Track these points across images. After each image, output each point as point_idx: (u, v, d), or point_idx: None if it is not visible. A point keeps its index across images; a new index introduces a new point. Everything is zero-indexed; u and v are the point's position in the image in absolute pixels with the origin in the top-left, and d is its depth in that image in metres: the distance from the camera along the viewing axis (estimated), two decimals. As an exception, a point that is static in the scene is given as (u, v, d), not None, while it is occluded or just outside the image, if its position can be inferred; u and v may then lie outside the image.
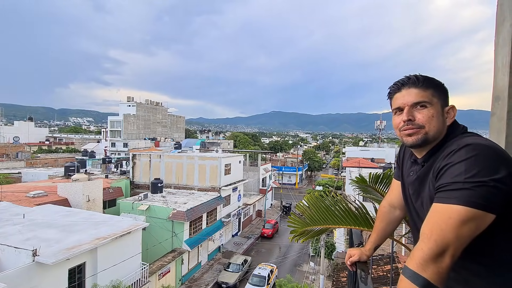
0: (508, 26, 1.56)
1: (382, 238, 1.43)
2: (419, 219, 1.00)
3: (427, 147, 1.02)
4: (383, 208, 1.45)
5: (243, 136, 76.93)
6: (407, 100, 1.02)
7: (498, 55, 1.65)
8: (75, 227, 12.34)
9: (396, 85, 1.08)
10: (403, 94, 1.04)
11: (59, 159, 42.68)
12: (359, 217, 1.65)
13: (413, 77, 1.04)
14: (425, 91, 1.01)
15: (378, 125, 72.00)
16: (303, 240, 1.94)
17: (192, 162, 25.41)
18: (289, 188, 45.79)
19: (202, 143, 53.83)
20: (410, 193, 1.09)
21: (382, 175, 1.99)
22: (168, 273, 16.09)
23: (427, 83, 1.02)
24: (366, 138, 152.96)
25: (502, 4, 1.65)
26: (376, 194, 2.02)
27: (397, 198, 1.36)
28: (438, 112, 1.00)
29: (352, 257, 1.40)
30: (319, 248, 17.21)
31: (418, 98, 1.01)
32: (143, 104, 70.48)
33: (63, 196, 17.47)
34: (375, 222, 1.49)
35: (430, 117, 0.99)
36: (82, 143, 66.54)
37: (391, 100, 1.12)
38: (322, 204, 1.79)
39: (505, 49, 1.58)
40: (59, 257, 9.48)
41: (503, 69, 1.59)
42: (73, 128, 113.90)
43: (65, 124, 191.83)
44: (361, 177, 2.13)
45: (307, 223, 1.82)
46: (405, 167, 1.21)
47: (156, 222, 18.00)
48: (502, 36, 1.61)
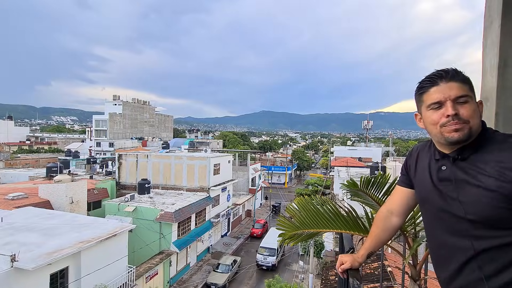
0: (495, 28, 1.56)
1: (376, 245, 1.39)
2: (465, 204, 0.94)
3: (463, 143, 0.99)
4: (380, 214, 1.42)
5: (233, 135, 76.62)
6: (449, 94, 0.97)
7: (486, 57, 1.66)
8: (57, 230, 11.88)
9: (431, 79, 1.03)
10: (443, 88, 0.99)
11: (40, 160, 41.12)
12: (350, 221, 1.62)
13: (452, 70, 1.01)
14: (465, 85, 0.99)
15: (365, 125, 73.45)
16: (293, 244, 1.90)
17: (181, 162, 25.05)
18: (278, 188, 45.96)
19: (190, 142, 53.21)
20: (441, 188, 1.03)
21: (373, 179, 1.98)
22: (155, 276, 15.78)
23: (465, 77, 1.00)
24: (353, 138, 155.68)
25: (490, 6, 1.65)
26: (367, 198, 2.01)
27: (397, 204, 1.33)
28: (477, 107, 0.99)
29: (343, 264, 1.35)
30: (308, 247, 17.34)
31: (461, 92, 0.97)
32: (130, 103, 68.98)
33: (45, 198, 16.80)
34: (371, 228, 1.45)
35: (473, 111, 0.97)
36: (66, 142, 64.43)
37: (422, 96, 1.05)
38: (312, 207, 1.76)
39: (493, 51, 1.58)
40: (39, 262, 9.08)
41: (491, 71, 1.59)
42: (56, 127, 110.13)
43: (47, 123, 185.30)
44: (352, 181, 2.11)
45: (297, 227, 1.79)
46: (420, 168, 1.16)
47: (143, 224, 17.62)
48: (490, 38, 1.61)
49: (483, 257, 0.90)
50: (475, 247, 0.91)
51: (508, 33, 1.52)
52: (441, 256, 1.04)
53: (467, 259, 0.93)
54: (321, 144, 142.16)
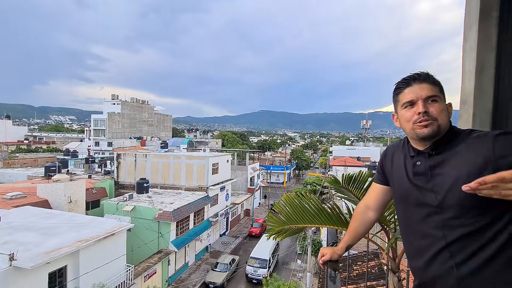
0: (474, 33, 1.63)
1: (354, 238, 1.47)
2: (438, 194, 1.02)
3: (433, 139, 1.08)
4: (358, 209, 1.51)
5: (231, 135, 76.63)
6: (420, 94, 1.07)
7: (466, 61, 1.73)
8: (56, 229, 11.93)
9: (406, 80, 1.12)
10: (415, 88, 1.08)
11: (39, 159, 41.07)
12: (333, 216, 1.70)
13: (425, 73, 1.11)
14: (435, 86, 1.08)
15: (364, 125, 73.73)
16: (281, 239, 1.97)
17: (179, 162, 25.09)
18: (277, 187, 46.06)
19: (189, 142, 53.22)
20: (417, 182, 1.10)
21: (354, 176, 2.06)
22: (154, 275, 15.84)
23: (435, 80, 1.09)
24: (352, 137, 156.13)
25: (469, 12, 1.72)
26: (349, 194, 2.09)
27: (373, 200, 1.43)
28: (445, 107, 1.08)
29: (324, 256, 1.44)
30: (306, 246, 17.45)
31: (431, 92, 1.07)
32: (129, 102, 68.89)
33: (43, 197, 16.82)
34: (350, 222, 1.54)
35: (441, 110, 1.06)
36: (64, 142, 64.27)
37: (398, 96, 1.15)
38: (298, 203, 1.84)
39: (471, 55, 1.65)
40: (38, 261, 9.14)
41: (470, 75, 1.67)
42: (55, 127, 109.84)
43: (45, 123, 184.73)
44: (334, 178, 2.20)
45: (284, 222, 1.86)
46: (395, 165, 1.24)
47: (141, 223, 17.66)
48: (469, 43, 1.68)
49: (454, 245, 0.96)
50: (447, 237, 0.98)
51: (484, 39, 1.59)
52: (415, 246, 1.10)
53: (439, 249, 0.99)
54: (320, 143, 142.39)
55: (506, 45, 1.56)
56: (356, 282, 9.27)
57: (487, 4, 1.60)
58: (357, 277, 9.81)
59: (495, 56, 1.59)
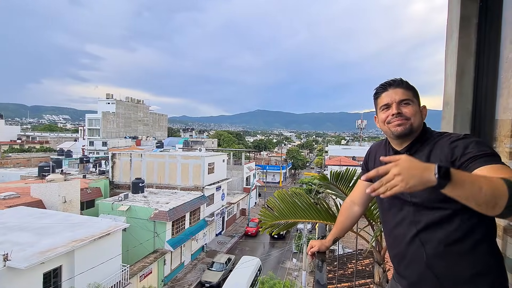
0: (455, 39, 1.74)
1: (341, 231, 1.58)
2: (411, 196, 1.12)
3: (408, 139, 1.19)
4: (345, 204, 1.62)
5: (227, 134, 76.58)
6: (394, 98, 1.19)
7: (447, 64, 1.84)
8: (50, 229, 11.85)
9: (383, 86, 1.24)
10: (390, 93, 1.20)
11: (32, 159, 40.57)
12: (322, 211, 1.79)
13: (398, 79, 1.23)
14: (408, 91, 1.19)
15: (359, 124, 74.22)
16: (274, 233, 2.07)
17: (175, 161, 25.04)
18: (273, 187, 46.19)
19: (185, 142, 53.07)
20: None
21: (341, 173, 2.16)
22: (150, 274, 15.82)
23: (409, 85, 1.21)
24: (348, 137, 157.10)
25: (451, 19, 1.83)
26: (337, 191, 2.19)
27: (359, 196, 1.54)
28: (418, 109, 1.20)
29: (312, 248, 1.55)
30: (301, 245, 17.58)
31: (404, 96, 1.18)
32: (124, 102, 68.34)
33: (37, 197, 16.66)
34: (338, 217, 1.65)
35: (414, 112, 1.17)
36: (58, 142, 63.53)
37: (377, 100, 1.27)
38: (289, 199, 1.93)
39: (452, 60, 1.76)
40: (32, 261, 9.09)
41: (451, 78, 1.77)
42: (48, 126, 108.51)
43: (39, 122, 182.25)
44: (323, 175, 2.29)
45: (276, 217, 1.94)
46: (378, 163, 1.31)
47: (137, 223, 17.61)
48: (451, 48, 1.79)
49: (423, 234, 1.08)
50: (417, 226, 1.09)
51: (465, 45, 1.70)
52: (393, 237, 1.22)
53: (412, 237, 1.10)
54: (316, 143, 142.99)
55: (484, 50, 1.67)
56: (351, 279, 9.41)
57: (467, 12, 1.70)
58: (351, 275, 9.97)
59: (474, 60, 1.70)
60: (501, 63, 1.55)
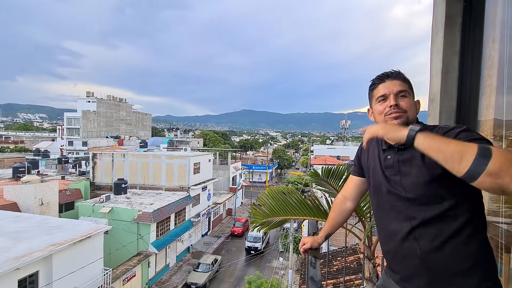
0: (440, 38, 1.78)
1: (333, 227, 1.57)
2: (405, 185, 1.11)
3: None
4: (337, 200, 1.61)
5: (213, 134, 75.92)
6: (392, 89, 1.17)
7: (433, 63, 1.88)
8: (26, 233, 11.25)
9: (380, 77, 1.23)
10: (388, 84, 1.19)
11: (5, 160, 38.41)
12: (313, 208, 1.79)
13: (396, 71, 1.22)
14: (405, 83, 1.19)
15: (343, 125, 75.82)
16: (265, 231, 2.04)
17: (159, 161, 24.51)
18: (259, 186, 46.26)
19: (170, 141, 52.06)
20: (387, 174, 1.19)
21: (333, 169, 2.17)
22: (133, 277, 15.39)
23: (405, 78, 1.21)
24: (332, 137, 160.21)
25: (436, 17, 1.87)
26: (328, 187, 2.20)
27: (351, 191, 1.53)
28: (413, 102, 1.19)
29: (305, 245, 1.53)
30: (287, 244, 17.71)
31: (401, 87, 1.17)
32: (105, 100, 66.19)
33: (11, 200, 15.79)
34: (329, 213, 1.63)
35: (410, 105, 1.17)
36: (34, 141, 60.54)
37: (373, 91, 1.25)
38: (280, 196, 1.92)
39: (437, 57, 1.80)
40: (5, 268, 8.59)
41: (436, 76, 1.81)
42: (23, 125, 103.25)
43: (13, 121, 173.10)
44: (315, 171, 2.30)
45: (267, 214, 1.91)
46: (371, 158, 1.32)
47: (119, 225, 17.09)
48: (436, 46, 1.83)
49: (418, 230, 1.07)
50: (412, 222, 1.09)
51: (449, 43, 1.74)
52: (387, 231, 1.21)
53: (406, 233, 1.10)
54: (301, 143, 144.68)
55: (468, 49, 1.72)
56: (336, 276, 9.57)
57: (452, 11, 1.75)
58: (336, 272, 10.14)
59: (458, 59, 1.75)
60: (484, 61, 1.60)
